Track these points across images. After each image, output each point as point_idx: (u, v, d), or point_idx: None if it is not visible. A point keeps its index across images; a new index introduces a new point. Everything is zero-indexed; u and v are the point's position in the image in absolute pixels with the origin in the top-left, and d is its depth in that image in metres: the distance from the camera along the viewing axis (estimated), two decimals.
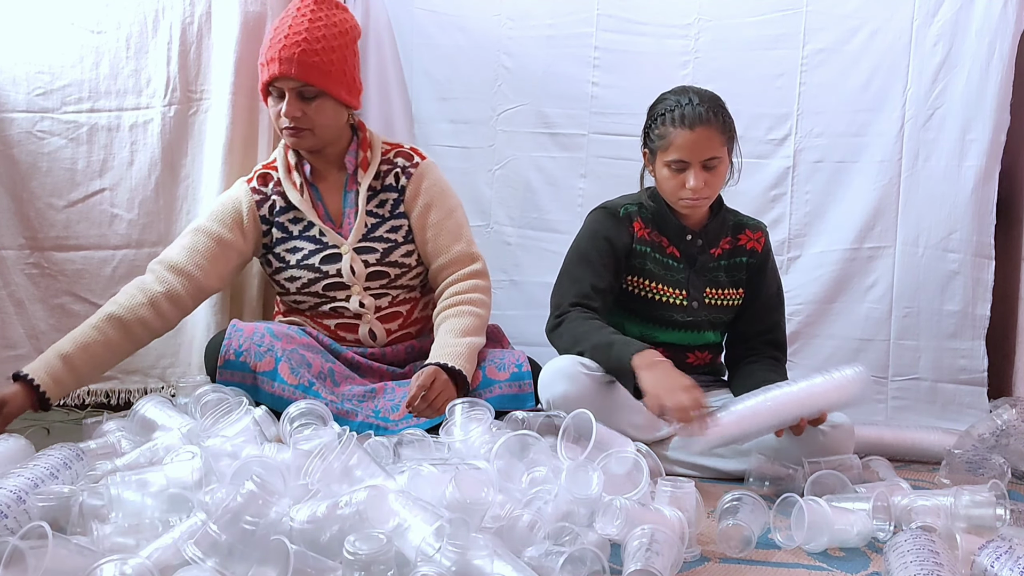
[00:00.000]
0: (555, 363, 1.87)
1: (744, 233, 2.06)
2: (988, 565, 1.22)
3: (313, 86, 1.91)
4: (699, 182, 1.88)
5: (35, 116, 2.31)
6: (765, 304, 2.07)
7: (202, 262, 1.94)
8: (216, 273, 1.97)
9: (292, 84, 1.91)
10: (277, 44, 1.90)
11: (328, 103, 1.95)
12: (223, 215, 1.99)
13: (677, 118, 1.87)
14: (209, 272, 1.95)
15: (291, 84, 1.91)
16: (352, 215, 2.01)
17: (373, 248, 2.00)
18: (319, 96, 1.93)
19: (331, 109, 1.96)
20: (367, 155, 2.04)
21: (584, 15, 2.66)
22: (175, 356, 2.35)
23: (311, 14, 1.92)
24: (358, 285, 1.99)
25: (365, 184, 2.01)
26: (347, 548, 1.06)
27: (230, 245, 1.98)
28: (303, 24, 1.90)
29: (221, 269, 1.98)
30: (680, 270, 2.01)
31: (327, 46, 1.91)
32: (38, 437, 1.95)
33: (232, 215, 1.99)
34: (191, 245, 1.95)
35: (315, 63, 1.89)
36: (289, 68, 1.88)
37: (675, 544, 1.25)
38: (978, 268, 2.49)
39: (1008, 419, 2.02)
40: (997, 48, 2.44)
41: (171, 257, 1.94)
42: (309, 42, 1.89)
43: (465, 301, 1.97)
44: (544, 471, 1.41)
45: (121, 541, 1.18)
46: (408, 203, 2.03)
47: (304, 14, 1.92)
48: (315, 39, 1.90)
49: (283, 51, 1.88)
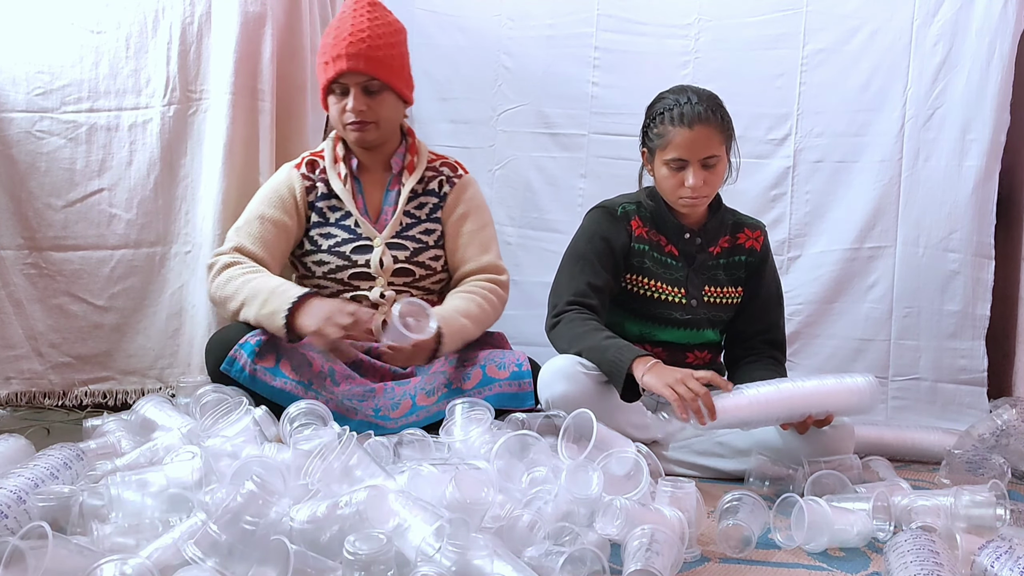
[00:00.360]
0: (554, 363, 1.87)
1: (743, 232, 2.06)
2: (988, 565, 1.22)
3: (378, 80, 1.98)
4: (698, 180, 1.88)
5: (34, 116, 2.31)
6: (764, 303, 2.07)
7: (273, 250, 2.02)
8: (281, 258, 2.06)
9: (359, 79, 1.97)
10: (343, 41, 1.96)
11: (391, 97, 2.03)
12: (281, 201, 2.05)
13: (676, 117, 1.88)
14: (277, 258, 2.04)
15: (358, 79, 1.97)
16: (390, 212, 2.07)
17: (404, 245, 2.05)
18: (383, 90, 2.00)
19: (393, 103, 2.04)
20: (414, 159, 2.11)
21: (584, 15, 2.66)
22: (174, 356, 2.34)
23: (368, 14, 2.00)
24: (383, 278, 2.03)
25: (409, 185, 2.07)
26: (347, 548, 1.05)
27: (289, 230, 2.05)
28: (364, 23, 1.98)
29: (284, 253, 2.07)
30: (679, 268, 2.01)
31: (388, 42, 2.00)
32: (38, 437, 1.95)
33: (289, 200, 2.05)
34: (260, 234, 2.01)
35: (380, 58, 1.98)
36: (357, 63, 1.95)
37: (675, 544, 1.25)
38: (978, 268, 2.49)
39: (1008, 419, 2.02)
40: (997, 48, 2.44)
41: (246, 246, 1.99)
42: (373, 39, 1.97)
43: (478, 294, 2.02)
44: (544, 471, 1.41)
45: (121, 541, 1.18)
46: (447, 210, 2.10)
47: (362, 14, 1.99)
48: (378, 35, 1.98)
49: (350, 47, 1.95)
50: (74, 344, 2.33)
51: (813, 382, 1.73)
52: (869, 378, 1.71)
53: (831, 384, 1.72)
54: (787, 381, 1.75)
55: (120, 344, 2.34)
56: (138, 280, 2.34)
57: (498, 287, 2.07)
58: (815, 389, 1.71)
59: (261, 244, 2.00)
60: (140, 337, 2.35)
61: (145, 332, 2.34)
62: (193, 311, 2.32)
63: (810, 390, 1.71)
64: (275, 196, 2.05)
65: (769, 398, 1.69)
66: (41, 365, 2.33)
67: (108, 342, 2.34)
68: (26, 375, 2.32)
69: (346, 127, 2.03)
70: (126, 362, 2.36)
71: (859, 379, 1.71)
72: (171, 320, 2.34)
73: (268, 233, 2.01)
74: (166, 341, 2.34)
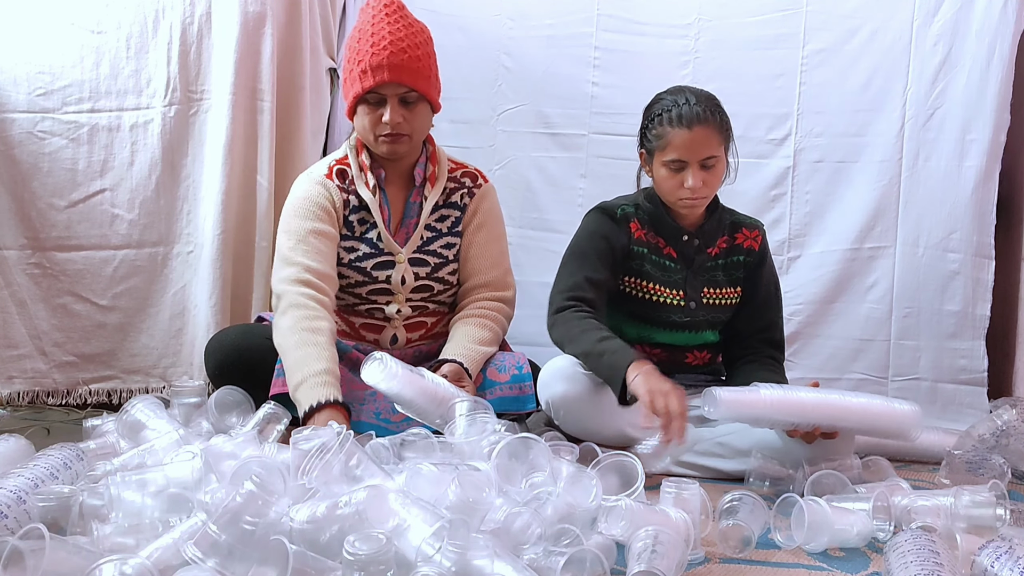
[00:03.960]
0: (554, 363, 1.87)
1: (741, 232, 2.06)
2: (988, 565, 1.22)
3: (416, 91, 1.92)
4: (697, 182, 1.88)
5: (36, 116, 2.31)
6: (762, 303, 2.06)
7: (333, 262, 1.94)
8: (336, 269, 1.96)
9: (399, 90, 1.90)
10: (382, 50, 1.88)
11: (425, 108, 1.97)
12: (326, 213, 1.95)
13: (675, 118, 1.87)
14: (334, 269, 1.95)
15: (398, 90, 1.90)
16: (412, 225, 2.02)
17: (426, 261, 2.01)
18: (419, 101, 1.94)
19: (427, 114, 1.99)
20: (435, 170, 2.05)
21: (584, 15, 2.66)
22: (176, 356, 2.35)
23: (401, 20, 1.93)
24: (402, 295, 2.00)
25: (432, 199, 2.02)
26: (347, 548, 1.05)
27: (336, 241, 1.97)
28: (401, 31, 1.90)
29: (335, 264, 1.97)
30: (677, 271, 2.01)
31: (425, 52, 1.94)
32: (38, 437, 1.95)
33: (332, 211, 1.96)
34: (319, 249, 1.91)
35: (419, 69, 1.91)
36: (400, 75, 1.88)
37: (679, 545, 1.24)
38: (978, 268, 2.49)
39: (1008, 419, 2.02)
40: (997, 48, 2.44)
41: (314, 266, 1.89)
42: (412, 48, 1.90)
43: (488, 316, 1.99)
44: (544, 475, 1.41)
45: (121, 541, 1.18)
46: (466, 220, 2.06)
47: (393, 20, 1.92)
48: (415, 44, 1.91)
49: (392, 57, 1.87)
50: (78, 343, 2.34)
51: (863, 399, 1.73)
52: (915, 407, 1.70)
53: (879, 405, 1.72)
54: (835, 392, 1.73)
55: (123, 343, 2.35)
56: (141, 280, 2.34)
57: (504, 304, 2.05)
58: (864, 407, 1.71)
59: (324, 260, 1.90)
60: (143, 336, 2.35)
61: (148, 332, 2.35)
62: (195, 311, 2.32)
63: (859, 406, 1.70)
64: (317, 208, 1.94)
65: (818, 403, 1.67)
66: (45, 364, 2.33)
67: (111, 341, 2.35)
68: (30, 374, 2.33)
69: (378, 139, 1.94)
70: (129, 361, 2.36)
71: (906, 406, 1.70)
72: (174, 320, 2.34)
73: (325, 247, 1.92)
74: (169, 341, 2.35)
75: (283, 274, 1.88)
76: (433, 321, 2.07)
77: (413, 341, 2.04)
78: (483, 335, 1.95)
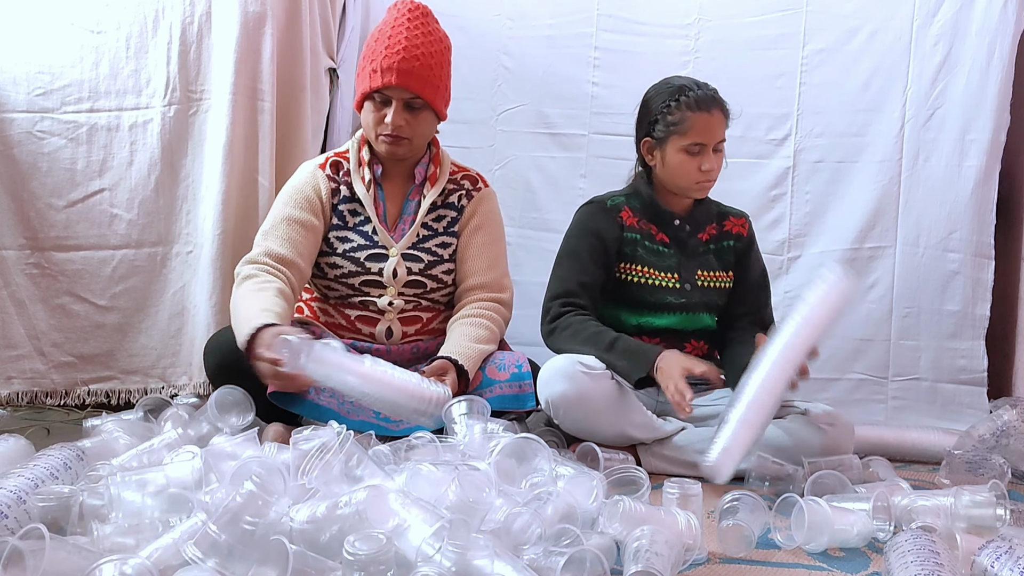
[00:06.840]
0: (554, 363, 1.88)
1: (728, 220, 2.13)
2: (988, 565, 1.22)
3: (422, 99, 1.94)
4: (714, 163, 1.96)
5: (35, 116, 2.31)
6: (751, 286, 2.12)
7: (302, 251, 1.96)
8: (311, 258, 2.00)
9: (404, 95, 1.94)
10: (396, 54, 1.91)
11: (429, 115, 2.00)
12: (308, 202, 2.00)
13: (694, 102, 1.93)
14: (307, 259, 1.97)
15: (404, 95, 1.94)
16: (408, 222, 2.04)
17: (419, 257, 2.02)
18: (424, 108, 1.97)
19: (431, 121, 2.01)
20: (436, 171, 2.08)
21: (584, 15, 2.66)
22: (175, 356, 2.35)
23: (423, 27, 1.96)
24: (394, 288, 2.01)
25: (430, 199, 2.04)
26: (347, 548, 1.05)
27: (316, 230, 2.00)
28: (419, 37, 1.94)
29: (312, 254, 2.00)
30: (671, 255, 2.05)
31: (439, 61, 1.97)
32: (38, 437, 1.95)
33: (315, 200, 2.00)
34: (288, 236, 1.95)
35: (428, 77, 1.94)
36: (407, 80, 1.91)
37: (676, 544, 1.24)
38: (978, 268, 2.49)
39: (1008, 419, 2.02)
40: (997, 48, 2.44)
41: (275, 250, 1.93)
42: (427, 56, 1.93)
43: (484, 316, 2.00)
44: (544, 476, 1.41)
45: (121, 541, 1.18)
46: (463, 222, 2.08)
47: (417, 26, 1.95)
48: (430, 53, 1.94)
49: (403, 63, 1.90)
50: (76, 344, 2.33)
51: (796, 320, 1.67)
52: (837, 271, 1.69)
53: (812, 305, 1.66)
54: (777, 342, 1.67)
55: (122, 344, 2.35)
56: (140, 280, 2.34)
57: (501, 305, 2.05)
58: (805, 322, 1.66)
59: (290, 246, 1.94)
60: (142, 337, 2.35)
61: (147, 332, 2.35)
62: (194, 311, 2.32)
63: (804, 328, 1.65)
64: (301, 196, 2.00)
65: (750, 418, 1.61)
66: (43, 365, 2.33)
67: (110, 342, 2.34)
68: (28, 375, 2.32)
69: (379, 137, 1.98)
70: (128, 362, 2.36)
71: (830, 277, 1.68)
72: (173, 320, 2.34)
73: (296, 235, 1.96)
74: (168, 341, 2.35)
75: (249, 255, 1.95)
76: (428, 317, 2.07)
77: (409, 336, 2.04)
78: (480, 333, 1.95)
